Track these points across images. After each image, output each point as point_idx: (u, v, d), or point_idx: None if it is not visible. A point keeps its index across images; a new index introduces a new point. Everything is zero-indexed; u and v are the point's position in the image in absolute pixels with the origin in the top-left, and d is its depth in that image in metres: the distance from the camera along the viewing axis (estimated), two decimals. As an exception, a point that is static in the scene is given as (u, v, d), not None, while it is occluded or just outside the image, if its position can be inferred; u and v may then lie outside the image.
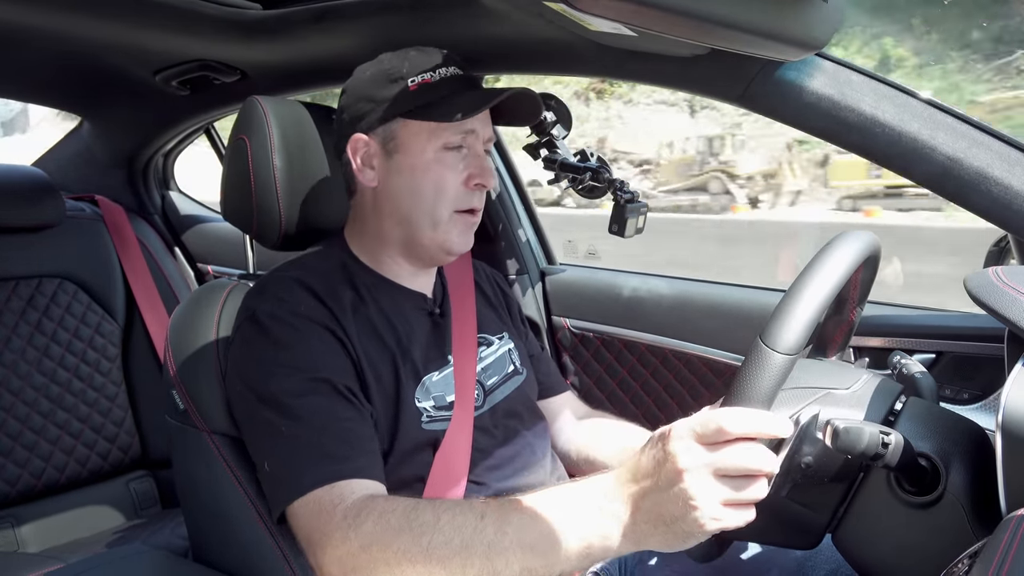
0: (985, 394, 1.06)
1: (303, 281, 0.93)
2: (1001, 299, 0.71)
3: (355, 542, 0.70)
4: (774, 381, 0.64)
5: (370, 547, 0.69)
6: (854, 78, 0.90)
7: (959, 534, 0.67)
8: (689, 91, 1.03)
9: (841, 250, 0.70)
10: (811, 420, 0.72)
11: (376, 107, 0.95)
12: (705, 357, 1.36)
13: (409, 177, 0.95)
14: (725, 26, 0.75)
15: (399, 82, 0.94)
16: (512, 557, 0.66)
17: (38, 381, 1.58)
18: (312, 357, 0.86)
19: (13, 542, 1.51)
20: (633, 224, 1.33)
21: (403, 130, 0.95)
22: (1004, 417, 0.64)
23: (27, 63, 1.51)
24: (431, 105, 0.94)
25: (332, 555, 0.72)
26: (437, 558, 0.67)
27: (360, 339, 0.91)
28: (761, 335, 0.66)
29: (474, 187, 0.97)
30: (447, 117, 0.93)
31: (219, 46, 1.33)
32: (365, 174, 0.97)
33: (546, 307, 1.58)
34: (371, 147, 0.97)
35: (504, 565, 0.66)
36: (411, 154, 0.95)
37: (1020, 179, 0.83)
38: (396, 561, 0.68)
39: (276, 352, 0.87)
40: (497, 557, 0.66)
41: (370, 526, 0.71)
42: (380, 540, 0.69)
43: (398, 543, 0.68)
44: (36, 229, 1.62)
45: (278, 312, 0.89)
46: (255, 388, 0.86)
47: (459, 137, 0.95)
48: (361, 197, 1.01)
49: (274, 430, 0.83)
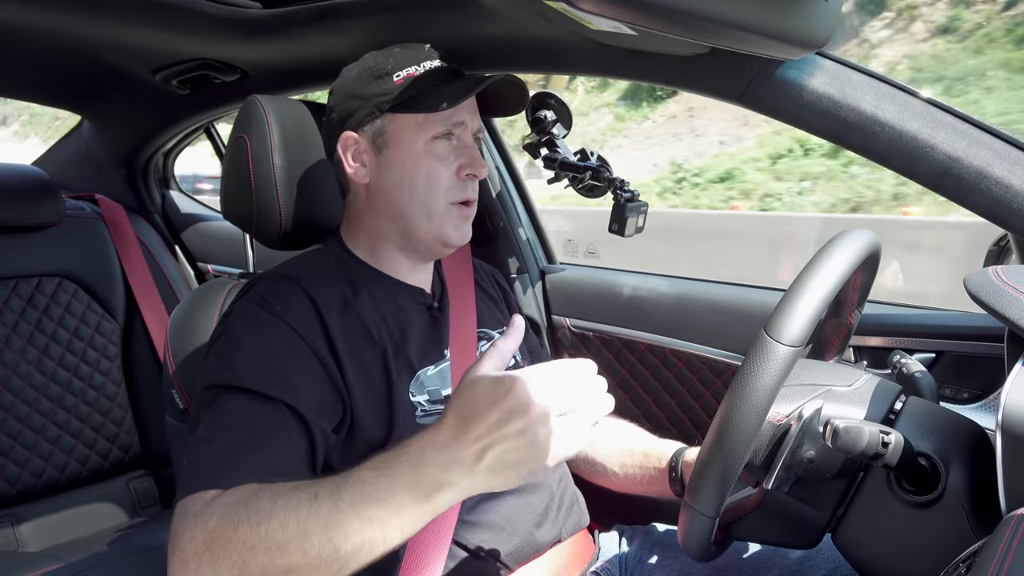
0: (985, 393, 1.06)
1: (293, 278, 0.93)
2: (1001, 298, 0.71)
3: (199, 540, 0.67)
4: (778, 373, 0.65)
5: (212, 544, 0.66)
6: (854, 77, 0.90)
7: (959, 533, 0.67)
8: (689, 90, 1.03)
9: (844, 246, 0.71)
10: (814, 414, 0.72)
11: (364, 104, 0.96)
12: (705, 356, 1.36)
13: (400, 171, 0.96)
14: (725, 25, 0.75)
15: (385, 78, 0.95)
16: (350, 529, 0.64)
17: (38, 380, 1.58)
18: (262, 362, 0.84)
19: (13, 541, 1.51)
20: (633, 223, 1.33)
21: (391, 125, 0.96)
22: (1004, 416, 0.64)
23: (27, 62, 1.51)
24: (417, 97, 0.95)
25: (178, 558, 0.68)
26: (276, 543, 0.65)
27: (346, 337, 0.90)
28: (765, 327, 0.66)
29: (466, 177, 0.97)
30: (433, 107, 0.93)
31: (219, 45, 1.33)
32: (357, 172, 0.98)
33: (546, 306, 1.58)
34: (361, 144, 0.97)
35: (343, 538, 0.64)
36: (401, 148, 0.95)
37: (1020, 178, 0.83)
38: (238, 553, 0.65)
39: (230, 349, 0.86)
40: (335, 532, 0.64)
41: (214, 523, 0.68)
42: (222, 534, 0.66)
43: (238, 535, 0.66)
44: (36, 228, 1.62)
45: (251, 310, 0.89)
46: (202, 379, 0.86)
47: (448, 127, 0.96)
48: (355, 196, 1.01)
49: (195, 425, 0.81)
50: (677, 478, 1.02)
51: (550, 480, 1.01)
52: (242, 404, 0.80)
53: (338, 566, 0.65)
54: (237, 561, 0.65)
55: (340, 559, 0.65)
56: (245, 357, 0.84)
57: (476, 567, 0.92)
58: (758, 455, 0.74)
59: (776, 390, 0.66)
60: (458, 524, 0.91)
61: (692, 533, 0.72)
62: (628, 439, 1.13)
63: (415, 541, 0.89)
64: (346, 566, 0.66)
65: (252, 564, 0.65)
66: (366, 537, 0.65)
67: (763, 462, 0.74)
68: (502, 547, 0.93)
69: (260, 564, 0.65)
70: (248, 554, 0.65)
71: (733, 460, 0.67)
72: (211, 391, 0.83)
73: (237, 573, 0.65)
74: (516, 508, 0.96)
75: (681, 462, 1.02)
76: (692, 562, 0.99)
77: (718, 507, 0.70)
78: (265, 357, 0.84)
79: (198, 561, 0.66)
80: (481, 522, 0.93)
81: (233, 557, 0.65)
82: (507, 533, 0.94)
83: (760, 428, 0.66)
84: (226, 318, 0.91)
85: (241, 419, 0.79)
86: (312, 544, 0.65)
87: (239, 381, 0.82)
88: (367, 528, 0.65)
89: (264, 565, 0.65)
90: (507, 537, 0.94)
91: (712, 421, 0.68)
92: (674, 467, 1.03)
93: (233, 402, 0.81)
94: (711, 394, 1.37)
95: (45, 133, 17.79)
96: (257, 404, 0.81)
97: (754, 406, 0.65)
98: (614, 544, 1.10)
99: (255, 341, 0.86)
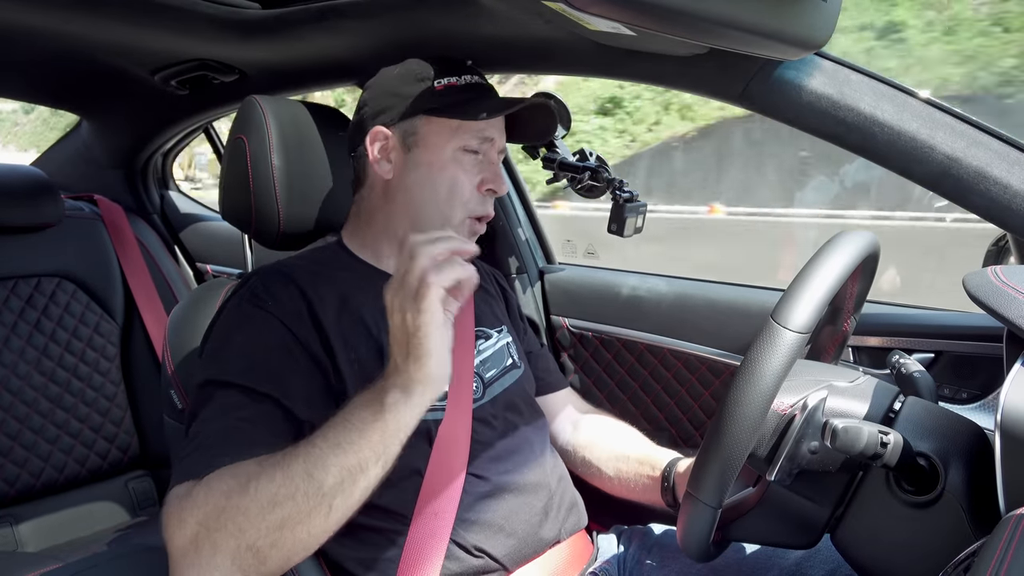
0: (984, 394, 1.06)
1: (287, 274, 0.93)
2: (1000, 298, 0.71)
3: (191, 523, 0.68)
4: (785, 359, 0.65)
5: (207, 521, 0.67)
6: (853, 77, 0.90)
7: (958, 534, 0.67)
8: (688, 90, 1.03)
9: (848, 241, 0.72)
10: (818, 404, 0.72)
11: (401, 102, 0.98)
12: (704, 356, 1.36)
13: (426, 172, 0.97)
14: (724, 25, 0.75)
15: (426, 81, 0.98)
16: (328, 461, 0.69)
17: (37, 380, 1.58)
18: (251, 357, 0.85)
19: (12, 541, 1.51)
20: (632, 223, 1.33)
21: (425, 126, 0.97)
22: (1003, 417, 0.64)
23: (26, 63, 1.51)
24: (456, 105, 0.97)
25: (176, 547, 0.68)
26: (266, 499, 0.67)
27: (342, 333, 0.90)
28: (772, 314, 0.67)
29: (486, 192, 0.99)
30: (472, 115, 0.95)
31: (218, 45, 1.33)
32: (381, 166, 0.99)
33: (545, 306, 1.58)
34: (391, 140, 0.98)
35: (324, 472, 0.68)
36: (430, 150, 0.97)
37: (1019, 178, 0.83)
38: (233, 522, 0.66)
39: (220, 346, 0.87)
40: (315, 468, 0.69)
41: (202, 499, 0.69)
42: (214, 508, 0.68)
43: (230, 503, 0.67)
44: (35, 228, 1.62)
45: (242, 306, 0.89)
46: (195, 377, 0.87)
47: (477, 141, 0.98)
48: (370, 190, 1.02)
49: (189, 423, 0.82)
50: (669, 488, 1.02)
51: (549, 480, 1.01)
52: (231, 398, 0.81)
53: (326, 506, 0.68)
54: (233, 530, 0.66)
55: (326, 496, 0.68)
56: (234, 353, 0.85)
57: (474, 567, 0.92)
58: (762, 446, 0.74)
59: (783, 376, 0.66)
60: (457, 523, 0.91)
61: (692, 525, 0.72)
62: (625, 444, 1.13)
63: (414, 540, 0.89)
64: (335, 505, 0.69)
65: (248, 528, 0.66)
66: (343, 465, 0.69)
67: (767, 453, 0.74)
68: (500, 547, 0.93)
69: (255, 526, 0.66)
70: (242, 519, 0.66)
71: (738, 446, 0.66)
72: (203, 388, 0.84)
73: (235, 542, 0.66)
74: (515, 508, 0.96)
75: (674, 472, 1.03)
76: (690, 563, 0.99)
77: (720, 497, 0.69)
78: (254, 352, 0.85)
79: (196, 543, 0.67)
80: (480, 521, 0.93)
81: (229, 527, 0.66)
82: (506, 533, 0.94)
83: (766, 415, 0.66)
84: (218, 315, 0.92)
85: (229, 413, 0.80)
86: (298, 487, 0.68)
87: (228, 376, 0.82)
88: (342, 456, 0.69)
89: (258, 526, 0.66)
90: (506, 537, 0.94)
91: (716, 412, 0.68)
92: (667, 477, 1.03)
93: (222, 397, 0.81)
94: (710, 394, 1.37)
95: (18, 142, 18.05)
96: (246, 398, 0.81)
97: (760, 391, 0.65)
98: (612, 545, 1.10)
99: (244, 336, 0.87)
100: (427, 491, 0.91)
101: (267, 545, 0.67)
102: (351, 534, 0.90)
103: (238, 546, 0.66)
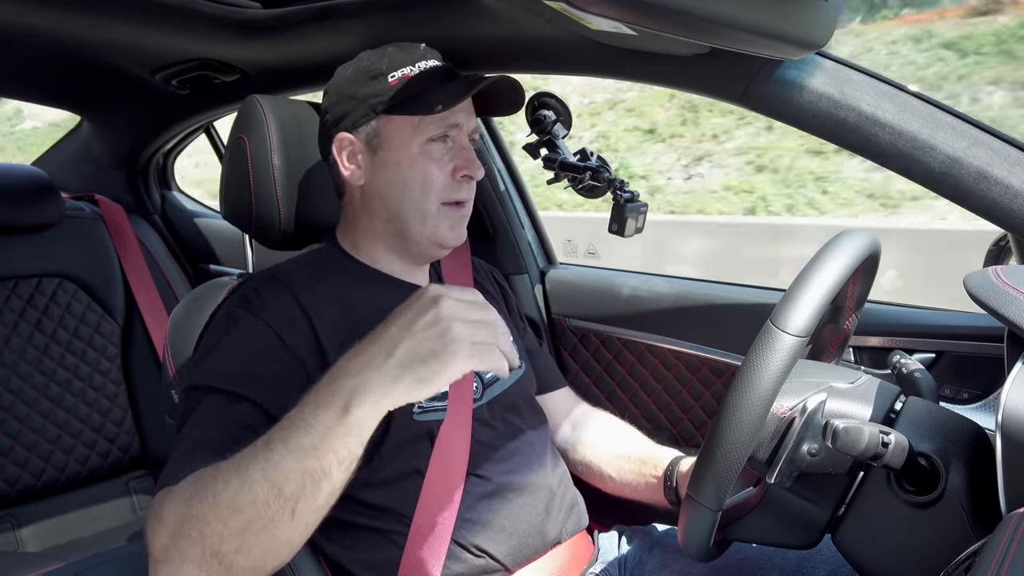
0: (985, 394, 1.06)
1: (281, 279, 0.93)
2: (1001, 298, 0.71)
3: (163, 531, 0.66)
4: (784, 362, 0.65)
5: (173, 531, 0.66)
6: (854, 77, 0.90)
7: (959, 534, 0.67)
8: (689, 91, 1.03)
9: (848, 242, 0.72)
10: (818, 407, 0.72)
11: (358, 105, 0.96)
12: (705, 356, 1.36)
13: (395, 172, 0.95)
14: (725, 25, 0.75)
15: (379, 78, 0.95)
16: (287, 466, 0.63)
17: (38, 380, 1.58)
18: (236, 361, 0.84)
19: (13, 542, 1.51)
20: (633, 224, 1.33)
21: (387, 126, 0.95)
22: (1004, 417, 0.64)
23: (26, 63, 1.51)
24: (412, 99, 0.94)
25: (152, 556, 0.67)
26: (225, 505, 0.64)
27: (337, 337, 0.89)
28: (771, 318, 0.67)
29: (461, 179, 0.97)
30: (428, 109, 0.93)
31: (219, 45, 1.33)
32: (352, 173, 0.98)
33: (546, 306, 1.58)
34: (356, 145, 0.97)
35: (284, 478, 0.63)
36: (396, 149, 0.95)
37: (1020, 179, 0.83)
38: (196, 529, 0.64)
39: (208, 350, 0.87)
40: (274, 473, 0.63)
41: (167, 510, 0.67)
42: (178, 516, 0.66)
43: (192, 511, 0.65)
44: (36, 228, 1.62)
45: (233, 311, 0.89)
46: (185, 381, 0.86)
47: (443, 130, 0.95)
48: (350, 197, 1.01)
49: (179, 428, 0.82)
50: (672, 487, 1.02)
51: (550, 480, 1.01)
52: (214, 403, 0.81)
53: (288, 511, 0.64)
54: (196, 537, 0.64)
55: (287, 502, 0.64)
56: (219, 356, 0.85)
57: (476, 567, 0.92)
58: (761, 448, 0.74)
59: (782, 380, 0.66)
60: (458, 523, 0.91)
61: (693, 527, 0.72)
62: (626, 444, 1.13)
63: (414, 540, 0.89)
64: (297, 510, 0.64)
65: (209, 534, 0.64)
66: (304, 469, 0.63)
67: (767, 456, 0.74)
68: (502, 547, 0.93)
69: (216, 532, 0.64)
70: (203, 525, 0.64)
71: (737, 450, 0.66)
72: (190, 393, 0.83)
73: (199, 549, 0.64)
74: (516, 508, 0.96)
75: (676, 471, 1.02)
76: (691, 563, 0.99)
77: (720, 499, 0.69)
78: (239, 356, 0.85)
79: (167, 552, 0.66)
80: (481, 521, 0.93)
81: (192, 534, 0.65)
82: (507, 533, 0.94)
83: (765, 418, 0.66)
84: (211, 320, 0.92)
85: (210, 418, 0.79)
86: (257, 493, 0.63)
87: (214, 381, 0.82)
88: (302, 460, 0.63)
89: (220, 532, 0.64)
90: (507, 537, 0.94)
91: (715, 416, 0.68)
92: (669, 476, 1.03)
93: (207, 402, 0.81)
94: (711, 394, 1.37)
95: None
96: (228, 402, 0.81)
97: (759, 395, 0.65)
98: (613, 545, 1.10)
99: (231, 340, 0.86)
100: (428, 491, 0.91)
101: (231, 551, 0.64)
102: (352, 534, 0.90)
103: (203, 552, 0.64)
